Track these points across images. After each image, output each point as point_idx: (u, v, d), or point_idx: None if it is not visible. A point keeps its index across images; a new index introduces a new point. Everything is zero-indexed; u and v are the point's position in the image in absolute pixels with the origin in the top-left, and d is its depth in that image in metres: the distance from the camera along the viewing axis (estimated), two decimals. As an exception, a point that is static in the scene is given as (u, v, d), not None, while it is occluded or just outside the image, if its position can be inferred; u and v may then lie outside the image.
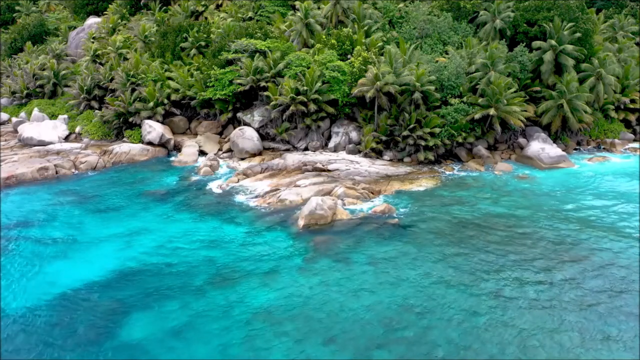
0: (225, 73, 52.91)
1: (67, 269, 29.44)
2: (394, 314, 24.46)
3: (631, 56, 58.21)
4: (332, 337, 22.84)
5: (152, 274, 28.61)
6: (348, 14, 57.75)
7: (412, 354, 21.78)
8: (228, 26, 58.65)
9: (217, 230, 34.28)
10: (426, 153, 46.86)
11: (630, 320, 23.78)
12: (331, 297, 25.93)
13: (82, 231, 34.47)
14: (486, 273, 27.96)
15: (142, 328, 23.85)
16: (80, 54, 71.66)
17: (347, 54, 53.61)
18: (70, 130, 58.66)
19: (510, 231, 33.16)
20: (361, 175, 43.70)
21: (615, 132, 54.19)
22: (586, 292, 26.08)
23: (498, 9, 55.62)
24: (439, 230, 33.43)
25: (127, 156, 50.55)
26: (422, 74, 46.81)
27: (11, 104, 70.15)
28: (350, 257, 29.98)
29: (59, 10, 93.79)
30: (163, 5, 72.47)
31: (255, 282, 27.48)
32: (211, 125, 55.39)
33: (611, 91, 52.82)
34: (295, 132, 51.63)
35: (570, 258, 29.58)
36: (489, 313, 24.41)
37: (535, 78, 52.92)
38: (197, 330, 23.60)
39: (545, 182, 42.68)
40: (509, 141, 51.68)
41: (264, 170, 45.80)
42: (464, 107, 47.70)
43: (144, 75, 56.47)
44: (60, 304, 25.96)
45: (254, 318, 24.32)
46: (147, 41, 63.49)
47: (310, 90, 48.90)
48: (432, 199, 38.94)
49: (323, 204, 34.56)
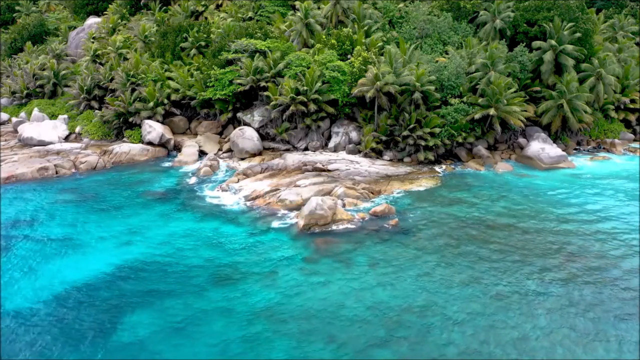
0: (225, 73, 52.92)
1: (67, 268, 29.44)
2: (395, 313, 24.46)
3: (631, 56, 58.28)
4: (332, 337, 22.85)
5: (153, 273, 28.63)
6: (348, 14, 57.76)
7: (412, 354, 21.79)
8: (228, 26, 58.67)
9: (217, 230, 34.30)
10: (426, 153, 46.88)
11: (630, 320, 23.79)
12: (331, 296, 25.94)
13: (82, 230, 34.49)
14: (486, 273, 27.98)
15: (143, 327, 23.84)
16: (80, 54, 71.68)
17: (347, 54, 53.62)
18: (70, 130, 58.66)
19: (511, 231, 33.19)
20: (361, 175, 43.71)
21: (615, 132, 54.25)
22: (586, 293, 26.11)
23: (498, 9, 55.65)
24: (439, 231, 33.45)
25: (127, 156, 50.58)
26: (422, 74, 46.82)
27: (11, 104, 70.17)
28: (351, 257, 29.99)
29: (59, 10, 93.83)
30: (163, 5, 72.52)
31: (255, 282, 27.50)
32: (211, 125, 55.40)
33: (611, 91, 52.87)
34: (295, 132, 51.64)
35: (570, 258, 29.60)
36: (489, 313, 24.42)
37: (535, 78, 52.96)
38: (198, 329, 23.60)
39: (545, 182, 42.69)
40: (509, 141, 51.71)
41: (264, 170, 45.79)
42: (464, 107, 47.71)
43: (144, 75, 56.48)
44: (61, 302, 25.98)
45: (254, 317, 24.33)
46: (147, 41, 63.52)
47: (310, 90, 48.91)
48: (432, 199, 38.96)
49: (323, 204, 34.56)
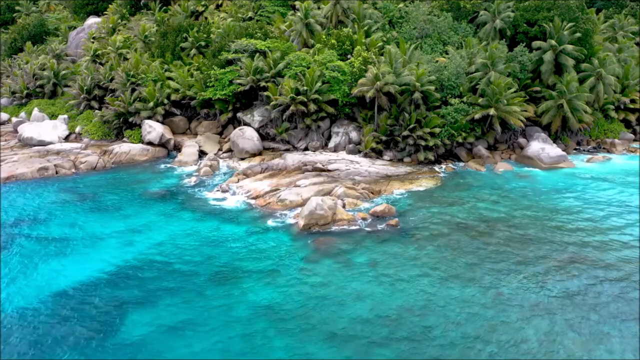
0: (225, 73, 52.92)
1: (67, 268, 29.41)
2: (395, 313, 24.45)
3: (631, 56, 58.30)
4: (333, 336, 22.83)
5: (153, 272, 28.62)
6: (348, 14, 57.75)
7: (412, 353, 21.78)
8: (228, 26, 58.68)
9: (217, 230, 34.29)
10: (426, 153, 46.88)
11: (630, 321, 23.77)
12: (331, 296, 25.93)
13: (82, 230, 34.47)
14: (487, 273, 27.97)
15: (143, 326, 23.83)
16: (80, 54, 71.69)
17: (347, 54, 53.62)
18: (70, 130, 58.67)
19: (510, 232, 33.17)
20: (361, 175, 43.70)
21: (615, 132, 54.27)
22: (587, 293, 26.07)
23: (498, 9, 55.66)
24: (439, 231, 33.43)
25: (127, 156, 50.60)
26: (422, 74, 46.82)
27: (11, 104, 70.19)
28: (351, 257, 29.98)
29: (59, 10, 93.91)
30: (163, 5, 72.53)
31: (255, 281, 27.49)
32: (211, 125, 55.41)
33: (611, 91, 52.88)
34: (295, 132, 51.63)
35: (571, 258, 29.57)
36: (489, 313, 24.40)
37: (535, 78, 52.98)
38: (198, 328, 23.58)
39: (545, 182, 42.69)
40: (509, 141, 51.71)
41: (264, 170, 45.79)
42: (464, 107, 47.71)
43: (144, 75, 56.48)
44: (61, 302, 25.94)
45: (254, 316, 24.32)
46: (147, 41, 63.53)
47: (310, 90, 48.90)
48: (432, 199, 38.95)
49: (323, 204, 34.54)
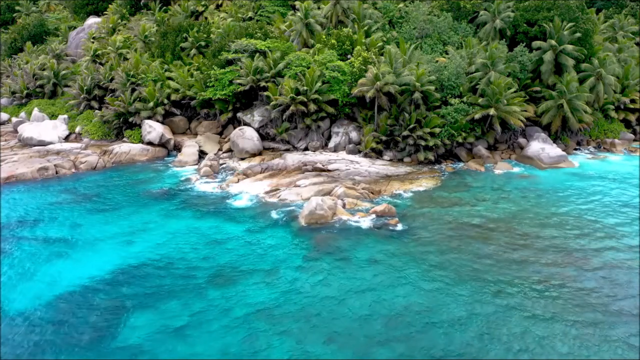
0: (225, 73, 52.92)
1: (67, 268, 29.40)
2: (395, 312, 24.45)
3: (631, 56, 58.32)
4: (333, 336, 22.83)
5: (153, 273, 28.60)
6: (348, 14, 57.76)
7: (412, 353, 21.77)
8: (228, 26, 58.69)
9: (217, 230, 34.28)
10: (426, 153, 46.88)
11: (630, 321, 23.78)
12: (332, 296, 25.93)
13: (82, 230, 34.46)
14: (487, 273, 27.96)
15: (143, 327, 23.81)
16: (80, 54, 71.72)
17: (347, 54, 53.63)
18: (70, 130, 58.69)
19: (511, 232, 33.16)
20: (361, 175, 43.70)
21: (615, 132, 54.27)
22: (587, 294, 26.07)
23: (498, 9, 55.66)
24: (439, 231, 33.42)
25: (127, 156, 50.61)
26: (422, 74, 46.82)
27: (11, 104, 70.20)
28: (351, 257, 29.98)
29: (59, 10, 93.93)
30: (163, 5, 72.57)
31: (256, 281, 27.49)
32: (211, 125, 55.41)
33: (611, 91, 52.89)
34: (295, 132, 51.63)
35: (571, 259, 29.57)
36: (490, 312, 24.39)
37: (535, 78, 52.98)
38: (198, 328, 23.57)
39: (546, 182, 42.68)
40: (509, 141, 51.71)
41: (264, 170, 45.79)
42: (464, 107, 47.71)
43: (144, 75, 56.49)
44: (61, 303, 25.92)
45: (254, 316, 24.32)
46: (147, 41, 63.54)
47: (310, 90, 48.90)
48: (432, 199, 38.95)
49: (323, 204, 34.56)
